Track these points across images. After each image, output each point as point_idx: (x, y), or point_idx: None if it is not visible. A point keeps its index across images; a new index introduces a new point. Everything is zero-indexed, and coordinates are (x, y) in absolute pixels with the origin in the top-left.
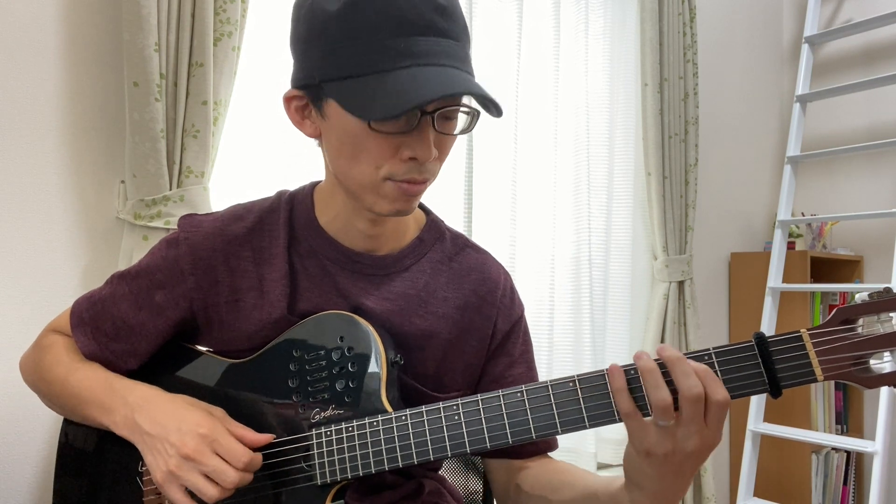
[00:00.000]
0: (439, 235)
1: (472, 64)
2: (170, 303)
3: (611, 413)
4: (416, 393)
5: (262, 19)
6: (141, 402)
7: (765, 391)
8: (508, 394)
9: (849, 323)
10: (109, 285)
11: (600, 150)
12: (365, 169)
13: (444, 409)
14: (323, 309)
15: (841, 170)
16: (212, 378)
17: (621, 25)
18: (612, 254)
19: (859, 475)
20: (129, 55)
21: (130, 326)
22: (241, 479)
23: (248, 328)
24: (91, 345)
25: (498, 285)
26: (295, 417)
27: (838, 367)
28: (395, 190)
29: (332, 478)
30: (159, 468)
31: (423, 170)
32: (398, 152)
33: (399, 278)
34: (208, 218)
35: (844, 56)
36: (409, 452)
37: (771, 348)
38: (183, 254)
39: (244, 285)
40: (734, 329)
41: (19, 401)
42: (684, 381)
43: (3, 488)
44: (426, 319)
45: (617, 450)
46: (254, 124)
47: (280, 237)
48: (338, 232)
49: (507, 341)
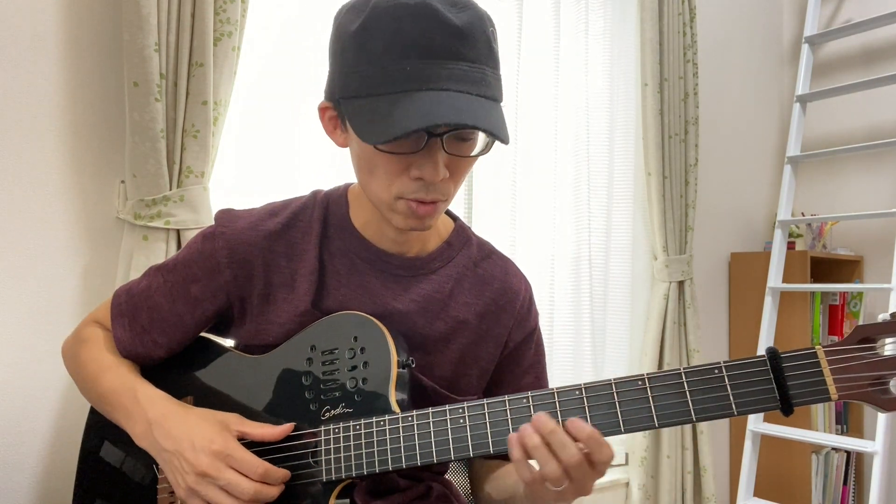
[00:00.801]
0: (466, 241)
1: (497, 85)
2: (206, 295)
3: (616, 424)
4: (433, 394)
5: (262, 19)
6: (160, 418)
7: (776, 408)
8: (514, 399)
9: (868, 342)
10: (147, 277)
11: (600, 150)
12: (379, 185)
13: (449, 412)
14: (349, 307)
15: (841, 170)
16: (229, 374)
17: (621, 25)
18: (612, 254)
19: (859, 475)
20: (129, 55)
21: (166, 318)
22: (257, 490)
23: (277, 321)
24: (127, 335)
25: (518, 296)
26: (307, 413)
27: (854, 387)
28: (406, 208)
29: (336, 475)
30: (179, 485)
31: (431, 190)
32: (408, 172)
33: (426, 280)
34: (245, 213)
35: (844, 56)
36: (413, 454)
37: (784, 364)
38: (220, 247)
39: (277, 280)
40: (734, 329)
41: (19, 401)
42: (562, 453)
43: (4, 488)
44: (447, 323)
45: (617, 450)
46: (254, 124)
47: (313, 234)
48: (370, 234)
49: (519, 350)
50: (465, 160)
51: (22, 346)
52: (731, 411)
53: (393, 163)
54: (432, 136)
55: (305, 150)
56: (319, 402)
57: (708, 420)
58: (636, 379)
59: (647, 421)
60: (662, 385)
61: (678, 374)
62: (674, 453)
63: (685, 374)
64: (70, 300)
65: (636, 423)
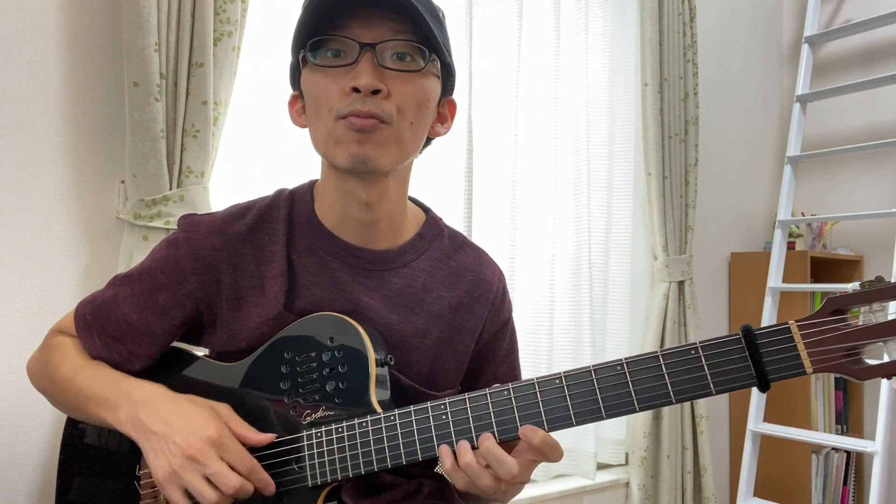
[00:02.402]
0: (438, 233)
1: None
2: (173, 304)
3: (597, 410)
4: (412, 391)
5: (262, 19)
6: (146, 399)
7: (752, 384)
8: (495, 392)
9: (840, 313)
10: (112, 287)
11: (600, 150)
12: (322, 119)
13: (431, 408)
14: (322, 306)
15: (841, 170)
16: (204, 383)
17: (621, 25)
18: (612, 254)
19: (859, 475)
20: (129, 55)
21: (135, 328)
22: (242, 486)
23: (249, 326)
24: (97, 347)
25: (491, 287)
26: (287, 419)
27: (828, 359)
28: (345, 129)
29: (322, 479)
30: (161, 467)
31: (366, 102)
32: (344, 89)
33: (399, 274)
34: (208, 217)
35: (844, 56)
36: (398, 453)
37: (758, 341)
38: (184, 254)
39: (246, 284)
40: (734, 329)
41: (19, 401)
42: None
43: (3, 489)
44: (421, 318)
45: (617, 450)
46: (254, 124)
47: (279, 234)
48: (336, 225)
49: (494, 342)
50: (409, 85)
51: (22, 345)
52: (710, 391)
53: (331, 84)
54: (364, 47)
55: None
56: (299, 406)
57: (687, 400)
58: (615, 364)
59: (628, 405)
60: (641, 368)
61: (656, 357)
62: (674, 453)
63: (662, 357)
64: (70, 300)
65: (617, 409)
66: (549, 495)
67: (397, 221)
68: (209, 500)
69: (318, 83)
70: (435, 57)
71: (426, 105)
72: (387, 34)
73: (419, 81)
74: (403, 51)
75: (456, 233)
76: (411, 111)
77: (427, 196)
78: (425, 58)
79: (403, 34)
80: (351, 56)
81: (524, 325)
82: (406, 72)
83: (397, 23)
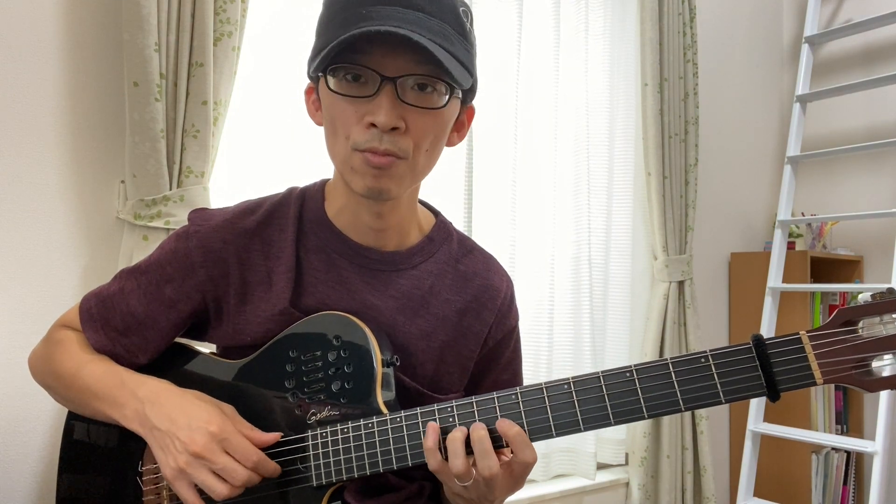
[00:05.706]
0: (447, 236)
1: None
2: (181, 296)
3: (606, 416)
4: (415, 393)
5: (262, 19)
6: (152, 396)
7: (762, 394)
8: (503, 395)
9: (850, 325)
10: (118, 281)
11: (600, 150)
12: (339, 141)
13: (438, 410)
14: (328, 304)
15: (841, 170)
16: (209, 380)
17: (621, 25)
18: (612, 254)
19: (859, 475)
20: (129, 55)
21: (141, 321)
22: (250, 477)
23: (255, 320)
24: (102, 340)
25: (499, 293)
26: (291, 417)
27: (839, 371)
28: (361, 162)
29: (327, 479)
30: (169, 464)
31: (384, 140)
32: (363, 120)
33: (406, 276)
34: (219, 212)
35: (844, 56)
36: (404, 455)
37: (769, 350)
38: (193, 247)
39: (253, 279)
40: (734, 329)
41: (19, 400)
42: (482, 462)
43: (4, 487)
44: (427, 320)
45: (617, 450)
46: (254, 124)
47: (289, 231)
48: (346, 226)
49: (498, 348)
50: (427, 117)
51: (22, 345)
52: (719, 399)
53: (349, 110)
54: (385, 80)
55: (306, 150)
56: (304, 405)
57: (696, 408)
58: (624, 370)
59: (637, 412)
60: (650, 376)
61: (665, 365)
62: (674, 453)
63: (672, 364)
64: (70, 300)
65: (625, 415)
66: (549, 495)
67: (406, 224)
68: (220, 494)
69: (336, 105)
70: (458, 91)
71: (443, 134)
72: (410, 66)
73: (439, 114)
74: (425, 82)
75: (465, 237)
76: (428, 142)
77: (427, 196)
78: (448, 91)
79: (426, 67)
80: (371, 87)
81: (524, 324)
82: (427, 108)
83: (420, 54)
